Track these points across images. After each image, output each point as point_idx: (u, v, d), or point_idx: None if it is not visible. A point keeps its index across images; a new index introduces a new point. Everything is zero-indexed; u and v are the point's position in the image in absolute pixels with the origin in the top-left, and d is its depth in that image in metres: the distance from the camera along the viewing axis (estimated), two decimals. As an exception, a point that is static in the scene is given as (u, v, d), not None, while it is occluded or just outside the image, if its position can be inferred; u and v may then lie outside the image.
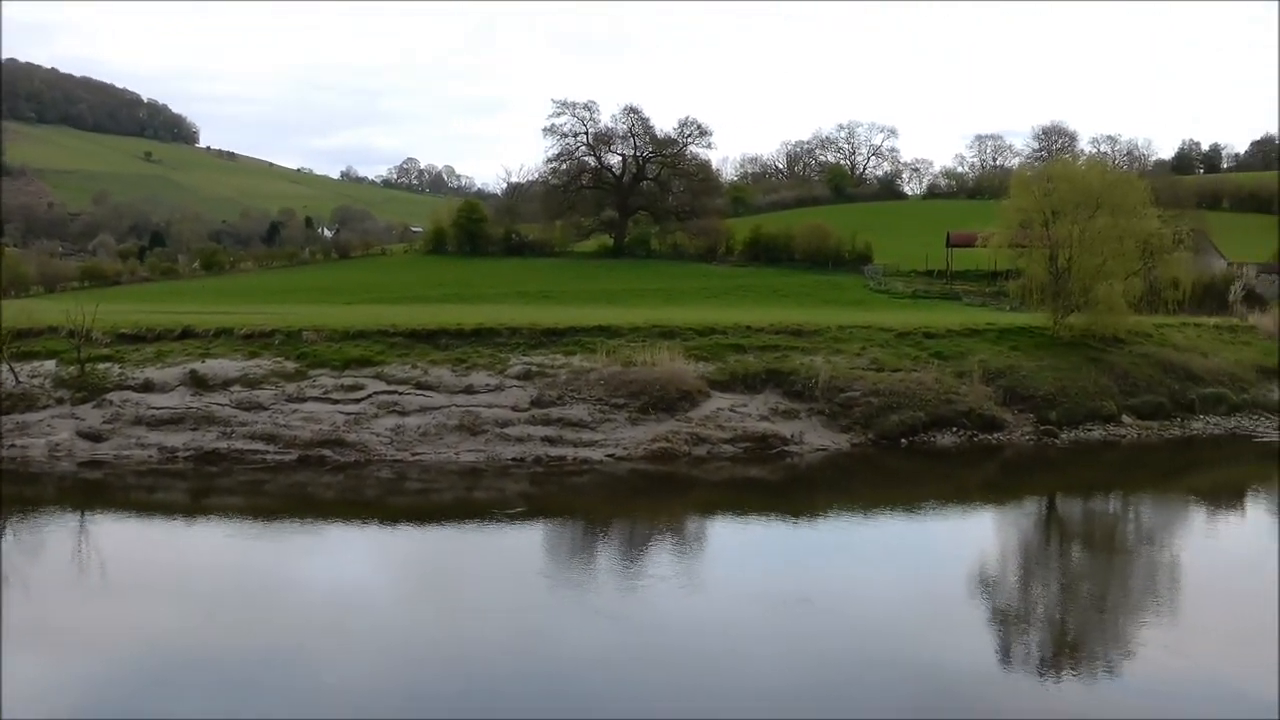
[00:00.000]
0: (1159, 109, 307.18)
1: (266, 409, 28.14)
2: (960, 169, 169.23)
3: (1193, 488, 28.54)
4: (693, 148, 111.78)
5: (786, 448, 28.64)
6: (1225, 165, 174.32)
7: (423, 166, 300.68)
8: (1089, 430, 32.51)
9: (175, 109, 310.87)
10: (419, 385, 29.31)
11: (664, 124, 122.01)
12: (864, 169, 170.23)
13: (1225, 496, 27.70)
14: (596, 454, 27.12)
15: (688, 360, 31.47)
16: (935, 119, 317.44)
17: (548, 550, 20.92)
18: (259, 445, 26.72)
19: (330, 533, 21.62)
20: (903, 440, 29.95)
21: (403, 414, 28.05)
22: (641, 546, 21.13)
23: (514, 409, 28.56)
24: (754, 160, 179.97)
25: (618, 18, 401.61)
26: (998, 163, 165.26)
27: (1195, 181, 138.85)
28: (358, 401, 28.50)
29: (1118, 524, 24.84)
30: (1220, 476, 30.22)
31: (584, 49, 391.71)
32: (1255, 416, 35.84)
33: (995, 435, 31.05)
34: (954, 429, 30.87)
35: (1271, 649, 14.94)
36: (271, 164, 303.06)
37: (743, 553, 20.68)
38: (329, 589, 17.68)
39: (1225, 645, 15.35)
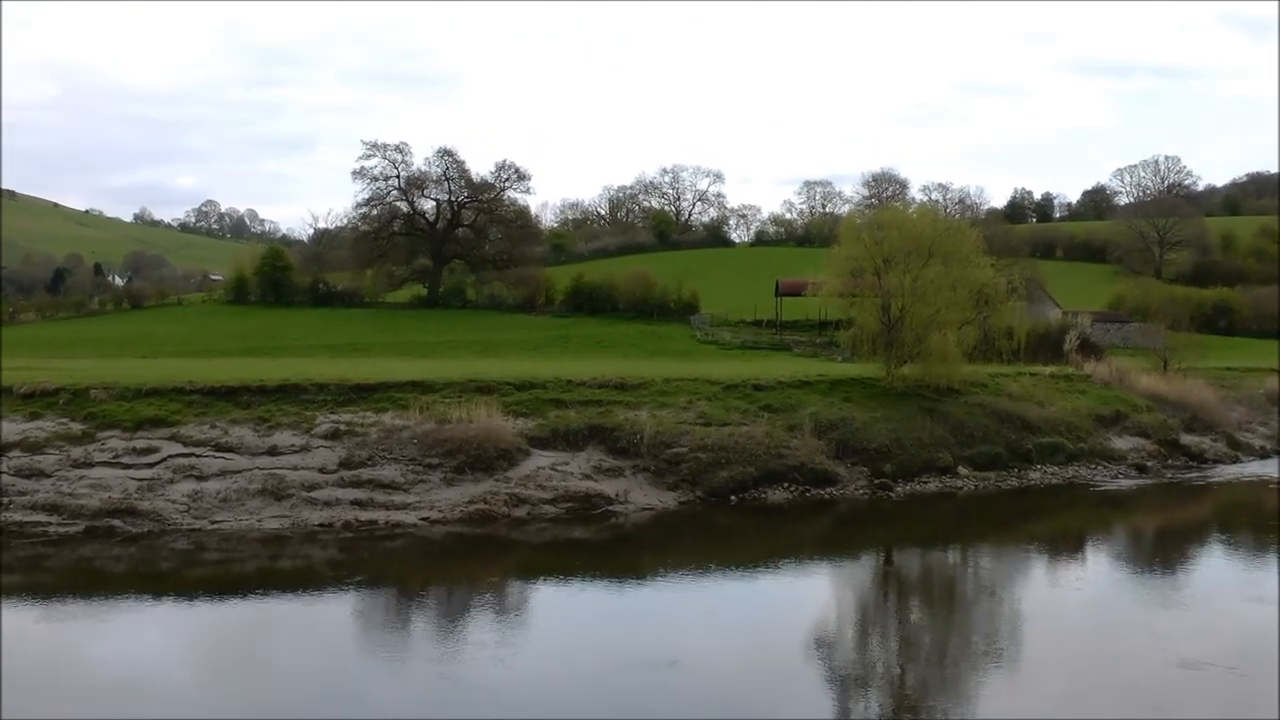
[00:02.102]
0: (991, 159, 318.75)
1: (49, 476, 26.96)
2: (789, 215, 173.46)
3: (1032, 536, 29.43)
4: (510, 193, 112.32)
5: (611, 507, 28.63)
6: (1058, 215, 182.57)
7: (224, 209, 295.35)
8: (925, 482, 33.31)
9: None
10: (218, 447, 28.50)
11: (480, 168, 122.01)
12: (689, 215, 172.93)
13: (1064, 544, 28.67)
14: (410, 517, 26.70)
15: (506, 416, 31.28)
16: (762, 164, 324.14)
17: (361, 620, 20.44)
18: (40, 516, 25.52)
19: (121, 610, 20.76)
20: (732, 497, 30.22)
21: (201, 478, 27.22)
22: (461, 613, 20.81)
23: (321, 470, 27.99)
24: (575, 206, 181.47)
25: (433, 56, 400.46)
26: (827, 209, 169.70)
27: (1028, 230, 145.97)
28: (151, 466, 27.54)
29: (956, 576, 25.44)
30: (1059, 524, 31.26)
31: (397, 87, 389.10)
32: (1093, 465, 37.23)
33: (828, 490, 31.57)
34: (786, 484, 31.26)
35: (1110, 694, 15.50)
36: (57, 204, 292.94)
37: (568, 616, 20.50)
38: (121, 673, 16.97)
39: (1067, 692, 15.80)
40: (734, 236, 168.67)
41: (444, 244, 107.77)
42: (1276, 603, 20.84)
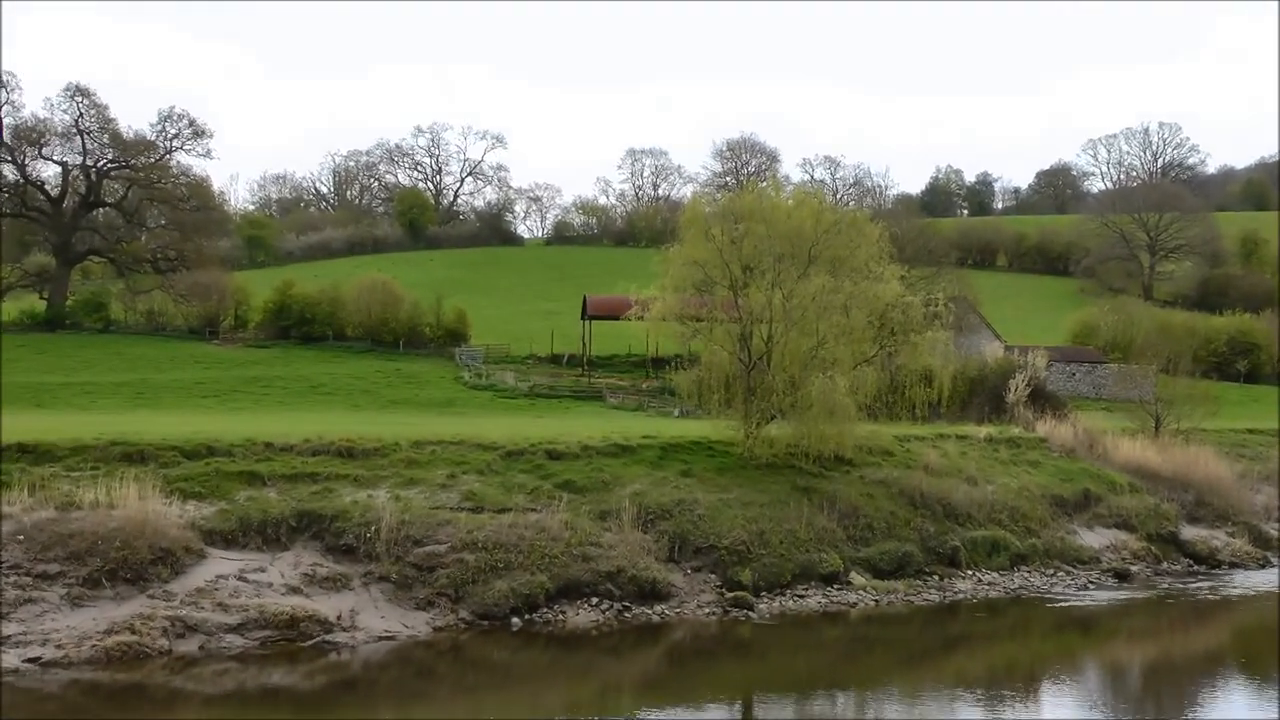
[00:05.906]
0: (901, 125, 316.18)
1: None
2: (603, 199, 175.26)
3: (960, 677, 29.79)
4: (182, 156, 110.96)
5: (330, 636, 28.33)
6: (1000, 206, 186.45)
7: None
8: (801, 596, 33.71)
9: None
10: None
11: (134, 119, 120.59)
12: (456, 197, 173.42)
13: (1010, 688, 29.03)
14: (12, 659, 25.90)
15: (169, 499, 30.91)
16: (565, 122, 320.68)
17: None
18: None
19: None
20: (515, 619, 30.19)
21: None
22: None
23: None
24: (282, 180, 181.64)
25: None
26: (660, 191, 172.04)
27: (956, 227, 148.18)
28: None
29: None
30: (1001, 658, 31.82)
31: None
32: (1050, 570, 38.03)
33: (659, 608, 31.75)
34: (595, 600, 31.38)
35: None
36: None
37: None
38: None
39: None
40: (522, 230, 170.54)
41: (75, 232, 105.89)
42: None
